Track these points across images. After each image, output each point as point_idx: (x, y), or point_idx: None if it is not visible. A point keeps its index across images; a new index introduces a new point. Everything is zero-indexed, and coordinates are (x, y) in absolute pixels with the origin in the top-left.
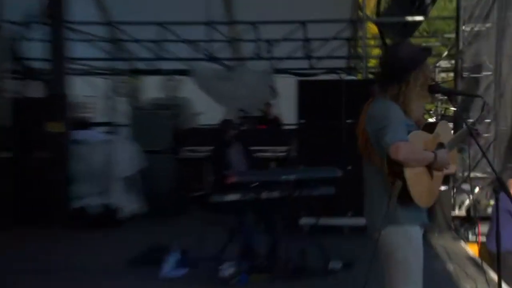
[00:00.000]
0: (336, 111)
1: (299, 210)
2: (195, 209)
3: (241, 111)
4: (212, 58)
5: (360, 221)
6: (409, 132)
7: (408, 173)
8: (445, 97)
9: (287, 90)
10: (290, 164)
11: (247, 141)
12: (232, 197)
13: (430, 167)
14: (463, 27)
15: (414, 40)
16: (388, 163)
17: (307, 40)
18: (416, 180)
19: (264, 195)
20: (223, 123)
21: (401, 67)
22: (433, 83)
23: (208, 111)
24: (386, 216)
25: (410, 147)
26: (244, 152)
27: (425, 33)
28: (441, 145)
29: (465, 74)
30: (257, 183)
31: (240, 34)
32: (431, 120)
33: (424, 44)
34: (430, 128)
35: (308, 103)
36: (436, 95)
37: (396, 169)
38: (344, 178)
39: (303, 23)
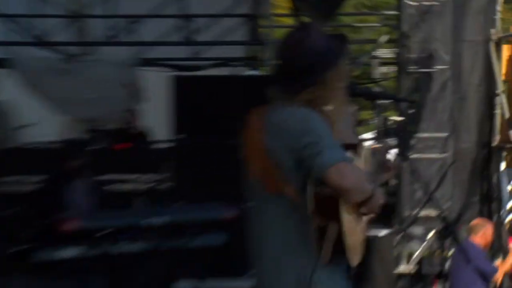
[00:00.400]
0: (231, 121)
1: (174, 268)
2: (14, 270)
3: (89, 122)
4: (43, 42)
5: None
6: None
7: (346, 212)
8: (390, 102)
9: (159, 91)
10: (162, 200)
11: (99, 167)
12: (71, 252)
13: (359, 206)
14: (408, 1)
15: (346, 19)
16: (316, 198)
17: (187, 16)
18: (352, 224)
19: (120, 247)
20: (64, 146)
21: (315, 62)
22: (352, 83)
23: (39, 122)
24: (309, 282)
25: (358, 170)
26: (93, 184)
27: (363, 9)
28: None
29: (412, 68)
30: (110, 230)
31: (85, 7)
32: (368, 134)
33: (358, 24)
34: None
35: (189, 110)
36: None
37: (327, 206)
38: (237, 219)
39: None
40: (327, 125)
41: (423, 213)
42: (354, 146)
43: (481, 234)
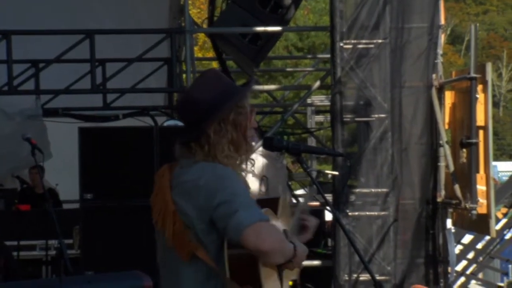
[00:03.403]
0: (146, 179)
1: None
2: None
3: None
4: None
5: None
6: None
7: (266, 277)
8: (322, 156)
9: (68, 144)
10: (71, 268)
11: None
12: None
13: (280, 267)
14: (341, 44)
15: (276, 63)
16: (231, 262)
17: (98, 61)
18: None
19: None
20: None
21: (202, 109)
22: (270, 136)
23: None
24: None
25: (276, 231)
26: None
27: (295, 50)
28: (284, 234)
29: (347, 117)
30: None
31: None
32: (301, 191)
33: (290, 69)
34: (265, 206)
35: (98, 166)
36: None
37: (245, 270)
38: None
39: (89, 34)
40: (240, 181)
41: (363, 277)
42: (274, 202)
43: None
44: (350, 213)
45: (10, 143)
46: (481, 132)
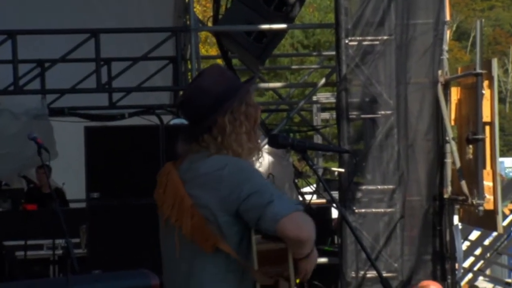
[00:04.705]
0: (152, 177)
1: None
2: None
3: None
4: None
5: None
6: None
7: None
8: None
9: (74, 143)
10: (78, 267)
11: (7, 231)
12: None
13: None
14: (346, 41)
15: (282, 61)
16: (260, 254)
17: (103, 60)
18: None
19: None
20: None
21: (206, 105)
22: (276, 134)
23: None
24: None
25: (311, 220)
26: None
27: (300, 48)
28: None
29: (353, 114)
30: None
31: None
32: (308, 188)
33: (295, 67)
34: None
35: (102, 166)
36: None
37: (274, 262)
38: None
39: (94, 34)
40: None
41: (370, 274)
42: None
43: None
44: (356, 210)
45: (16, 143)
46: (487, 128)
